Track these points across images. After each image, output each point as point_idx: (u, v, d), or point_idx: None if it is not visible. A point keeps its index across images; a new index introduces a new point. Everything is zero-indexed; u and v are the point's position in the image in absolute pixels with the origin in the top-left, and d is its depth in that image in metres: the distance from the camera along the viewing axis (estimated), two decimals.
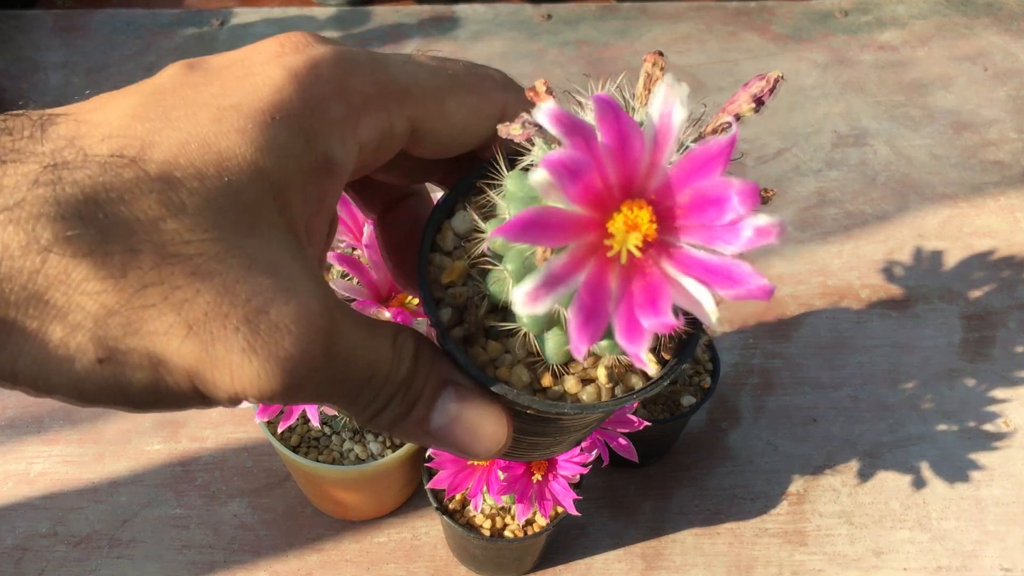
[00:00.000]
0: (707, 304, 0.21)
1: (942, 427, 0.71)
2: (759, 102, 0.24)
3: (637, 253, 0.22)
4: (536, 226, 0.21)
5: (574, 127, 0.21)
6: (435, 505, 0.56)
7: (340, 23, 1.09)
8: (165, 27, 1.07)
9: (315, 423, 0.51)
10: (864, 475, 0.68)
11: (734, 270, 0.21)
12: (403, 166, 0.30)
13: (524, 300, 0.20)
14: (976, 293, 0.80)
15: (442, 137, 0.27)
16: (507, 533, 0.57)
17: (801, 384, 0.73)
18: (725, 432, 0.70)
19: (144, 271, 0.20)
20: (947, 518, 0.65)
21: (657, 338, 0.26)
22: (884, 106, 0.98)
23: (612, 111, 0.22)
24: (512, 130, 0.24)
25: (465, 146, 0.28)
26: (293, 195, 0.23)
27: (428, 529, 0.64)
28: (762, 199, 0.23)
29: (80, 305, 0.19)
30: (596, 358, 0.27)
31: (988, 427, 0.71)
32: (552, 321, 0.25)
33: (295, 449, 0.58)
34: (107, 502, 0.65)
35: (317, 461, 0.57)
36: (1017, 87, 1.01)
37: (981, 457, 0.69)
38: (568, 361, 0.26)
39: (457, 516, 0.58)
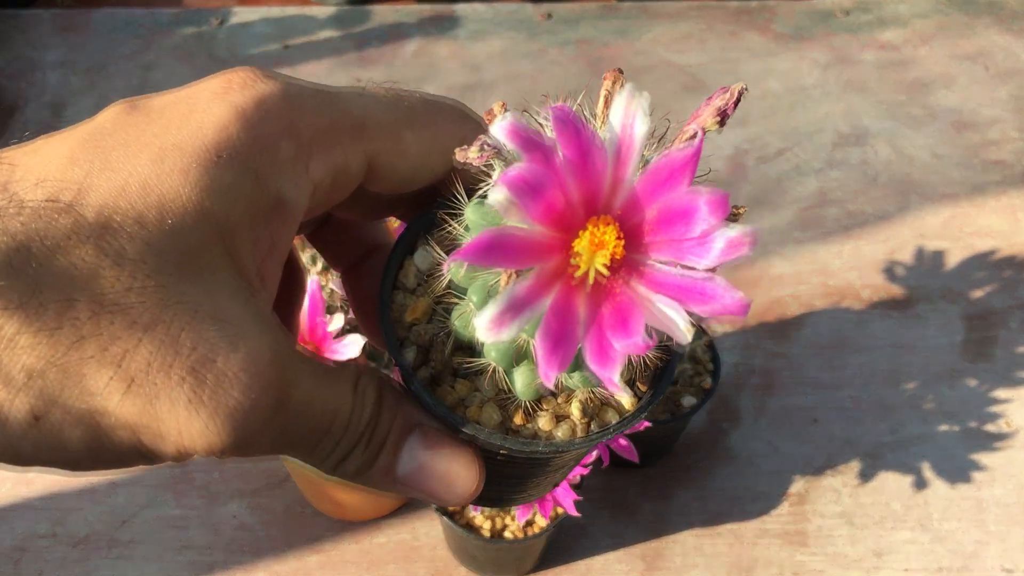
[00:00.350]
0: (680, 323, 0.20)
1: (943, 428, 0.70)
2: (723, 115, 0.23)
3: (605, 273, 0.21)
4: (496, 248, 0.20)
5: (532, 142, 0.20)
6: (435, 506, 0.56)
7: (339, 22, 1.09)
8: (164, 26, 1.07)
9: None
10: (865, 476, 0.67)
11: (707, 286, 0.21)
12: (362, 202, 0.29)
13: (487, 327, 0.19)
14: (977, 293, 0.80)
15: (400, 172, 0.26)
16: (507, 534, 0.57)
17: (802, 384, 0.73)
18: (726, 433, 0.70)
19: (81, 322, 0.19)
20: (948, 519, 0.65)
21: (632, 368, 0.25)
22: (885, 105, 0.98)
23: (571, 124, 0.21)
24: (469, 154, 0.23)
25: (425, 180, 0.27)
26: (242, 238, 0.22)
27: (428, 530, 0.63)
28: (733, 216, 0.22)
29: (12, 361, 0.18)
30: (569, 393, 0.26)
31: (989, 427, 0.71)
32: (521, 355, 0.24)
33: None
34: (106, 503, 0.65)
35: None
36: (1018, 86, 1.01)
37: (982, 458, 0.69)
38: (540, 398, 0.26)
39: (457, 517, 0.58)
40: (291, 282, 0.33)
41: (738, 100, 0.23)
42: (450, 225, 0.25)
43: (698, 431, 0.70)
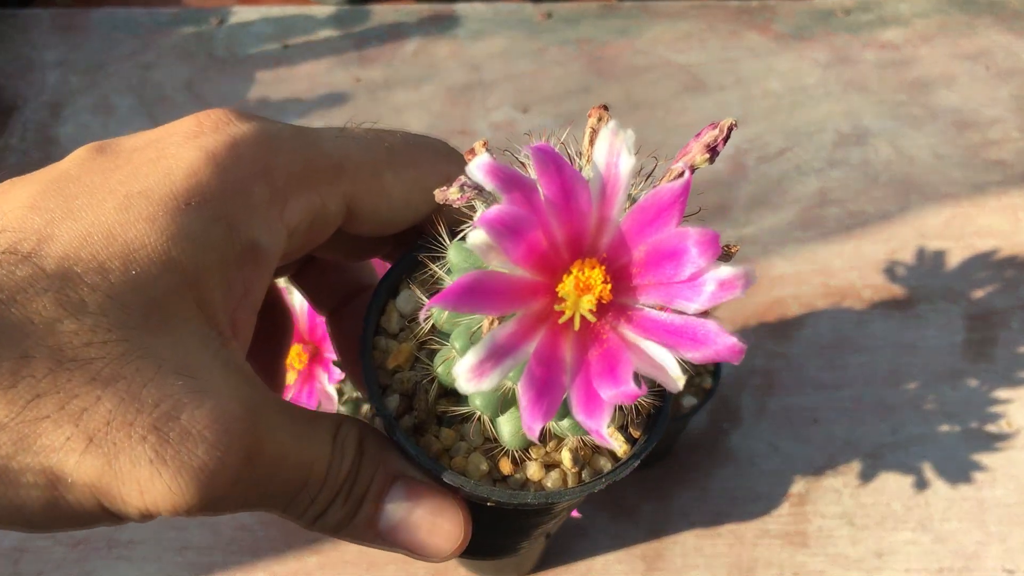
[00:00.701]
0: (672, 369, 0.19)
1: (944, 428, 0.70)
2: (713, 152, 0.22)
3: (591, 318, 0.20)
4: (477, 292, 0.19)
5: (512, 181, 0.20)
6: None
7: (339, 22, 1.08)
8: (163, 26, 1.07)
9: None
10: (866, 476, 0.67)
11: (699, 330, 0.20)
12: (344, 244, 0.28)
13: (468, 376, 0.18)
14: (978, 293, 0.80)
15: (381, 214, 0.26)
16: None
17: (803, 385, 0.73)
18: (726, 433, 0.70)
19: (37, 379, 0.18)
20: (949, 519, 0.65)
21: (624, 414, 0.25)
22: (886, 105, 0.98)
23: (553, 162, 0.20)
24: (450, 194, 0.22)
25: (408, 221, 0.26)
26: (213, 286, 0.21)
27: None
28: (725, 255, 0.21)
29: None
30: (559, 440, 0.25)
31: (990, 428, 0.70)
32: (507, 402, 0.23)
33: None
34: None
35: None
36: (1020, 86, 1.01)
37: (983, 458, 0.69)
38: (529, 445, 0.25)
39: None
40: (277, 327, 0.32)
41: (728, 136, 0.22)
42: (431, 268, 0.24)
43: (698, 431, 0.70)
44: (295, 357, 0.52)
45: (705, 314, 0.20)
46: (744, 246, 0.83)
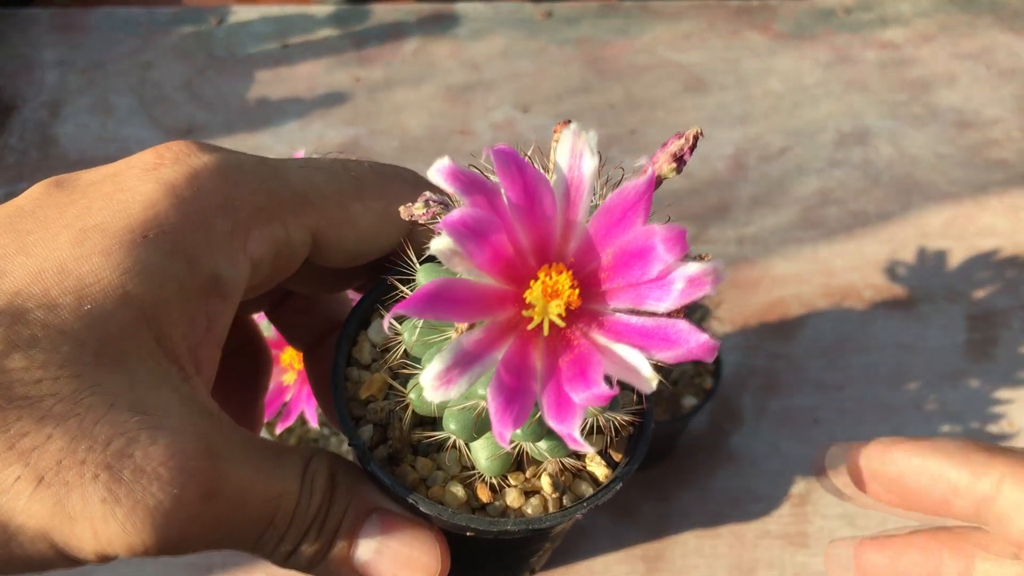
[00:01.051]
0: (644, 370, 0.19)
1: (946, 429, 0.70)
2: (680, 161, 0.22)
3: (561, 323, 0.20)
4: (442, 299, 0.18)
5: (474, 184, 0.19)
6: None
7: (338, 21, 1.08)
8: (163, 25, 1.06)
9: (313, 424, 0.50)
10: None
11: (670, 330, 0.19)
12: (314, 276, 0.28)
13: (434, 383, 0.18)
14: (980, 293, 0.80)
15: (349, 245, 0.25)
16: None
17: (804, 385, 0.73)
18: (727, 434, 0.70)
19: None
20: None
21: (604, 437, 0.24)
22: (887, 104, 0.98)
23: (514, 163, 0.20)
24: (415, 210, 0.22)
25: (377, 252, 0.26)
26: (172, 320, 0.21)
27: None
28: (697, 259, 0.20)
29: None
30: (538, 466, 0.25)
31: (992, 429, 0.70)
32: (483, 426, 0.22)
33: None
34: None
35: None
36: (1021, 85, 1.00)
37: None
38: (507, 472, 0.24)
39: None
40: (254, 365, 0.32)
41: (694, 145, 0.22)
42: (401, 291, 0.23)
43: (699, 432, 0.70)
44: (294, 357, 0.52)
45: (678, 314, 0.20)
46: (745, 246, 0.83)
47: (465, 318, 0.19)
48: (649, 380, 0.19)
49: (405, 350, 0.23)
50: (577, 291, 0.20)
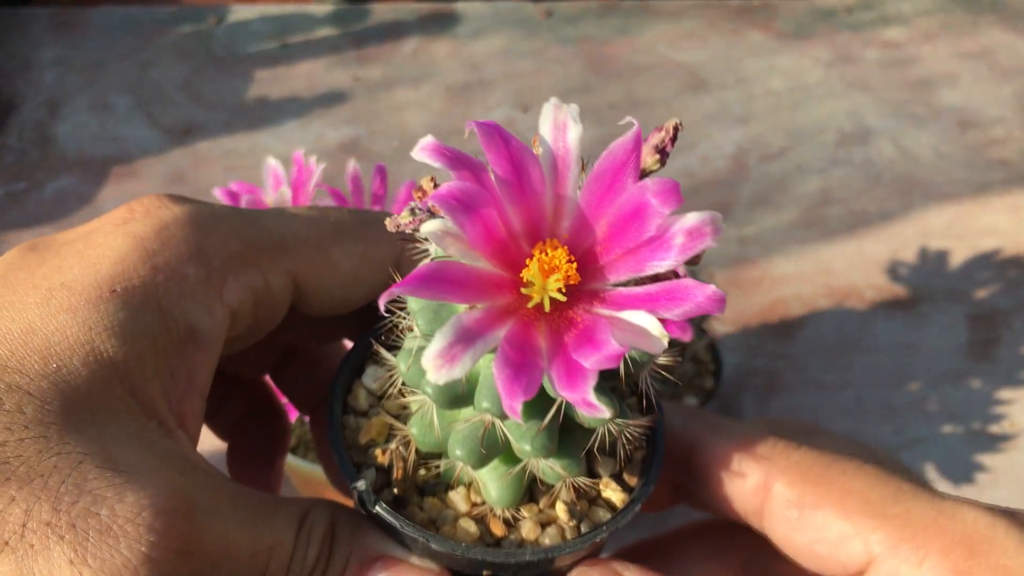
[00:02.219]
0: (653, 329, 0.18)
1: (947, 429, 0.70)
2: (663, 153, 0.22)
3: (562, 298, 0.19)
4: (438, 279, 0.18)
5: (460, 160, 0.19)
6: None
7: (338, 20, 1.08)
8: (162, 24, 1.06)
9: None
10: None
11: (675, 288, 0.19)
12: (305, 325, 0.27)
13: (437, 362, 0.17)
14: (982, 293, 0.80)
15: (331, 290, 0.25)
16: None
17: (805, 385, 0.72)
18: None
19: None
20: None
21: (618, 461, 0.24)
22: (888, 104, 0.97)
23: (499, 135, 0.19)
24: (400, 219, 0.21)
25: (362, 296, 0.26)
26: (147, 375, 0.21)
27: None
28: (692, 260, 0.20)
29: None
30: (552, 495, 0.24)
31: (993, 429, 0.70)
32: (491, 442, 0.21)
33: (293, 450, 0.58)
34: None
35: (315, 463, 0.57)
36: (1023, 85, 1.00)
37: (986, 459, 0.68)
38: (520, 504, 0.24)
39: None
40: (271, 426, 0.31)
41: (675, 136, 0.21)
42: (395, 315, 0.22)
43: None
44: None
45: (678, 275, 0.20)
46: (746, 246, 0.83)
47: (463, 299, 0.18)
48: (659, 339, 0.18)
49: (403, 381, 0.23)
50: (575, 265, 0.19)
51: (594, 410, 0.18)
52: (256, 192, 0.64)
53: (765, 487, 0.26)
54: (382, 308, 0.20)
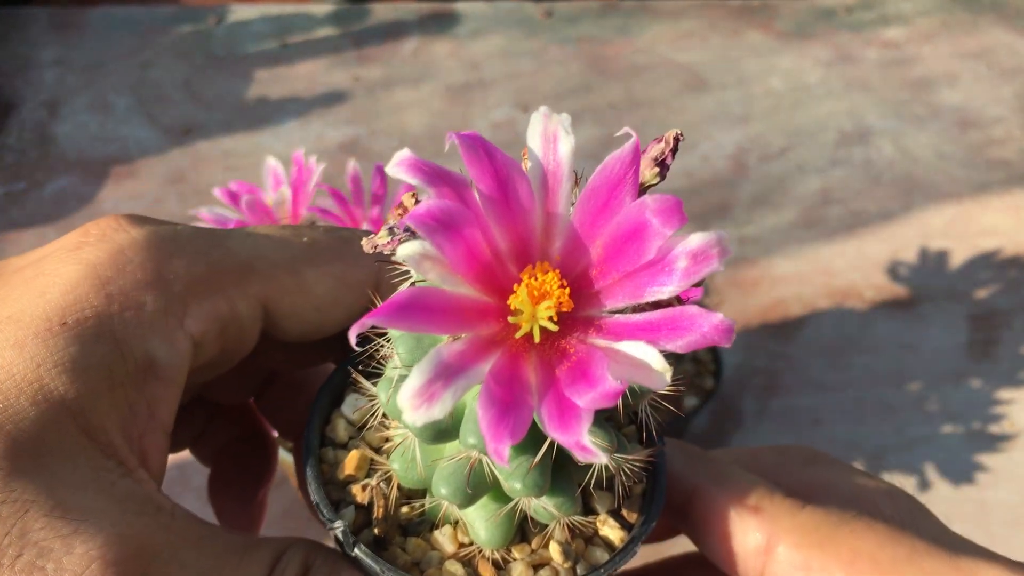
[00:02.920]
0: (654, 362, 0.16)
1: (947, 429, 0.70)
2: (663, 165, 0.20)
3: (553, 327, 0.17)
4: (416, 308, 0.16)
5: (439, 176, 0.17)
6: None
7: (338, 20, 1.08)
8: (162, 24, 1.06)
9: None
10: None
11: (679, 317, 0.17)
12: (281, 351, 0.26)
13: (414, 401, 0.15)
14: (982, 293, 0.79)
15: (305, 315, 0.23)
16: None
17: (805, 385, 0.72)
18: (728, 434, 0.69)
19: None
20: (952, 521, 0.64)
21: (616, 496, 0.22)
22: (888, 104, 0.97)
23: (482, 149, 0.17)
24: (378, 240, 0.20)
25: (340, 321, 0.24)
26: (104, 411, 0.19)
27: None
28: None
29: None
30: (545, 535, 0.22)
31: (994, 429, 0.70)
32: (479, 480, 0.20)
33: (292, 451, 0.57)
34: None
35: None
36: (1023, 84, 1.00)
37: (986, 459, 0.68)
38: (511, 544, 0.22)
39: None
40: (256, 455, 0.30)
41: (675, 148, 0.20)
42: (375, 342, 0.20)
43: (700, 432, 0.69)
44: None
45: (681, 301, 0.18)
46: (746, 246, 0.83)
47: (444, 329, 0.17)
48: (661, 374, 0.16)
49: (384, 412, 0.21)
50: (567, 290, 0.17)
51: (589, 454, 0.16)
52: (256, 192, 0.64)
53: (768, 548, 0.24)
54: (352, 341, 0.18)
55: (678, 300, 0.18)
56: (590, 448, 0.16)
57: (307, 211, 0.62)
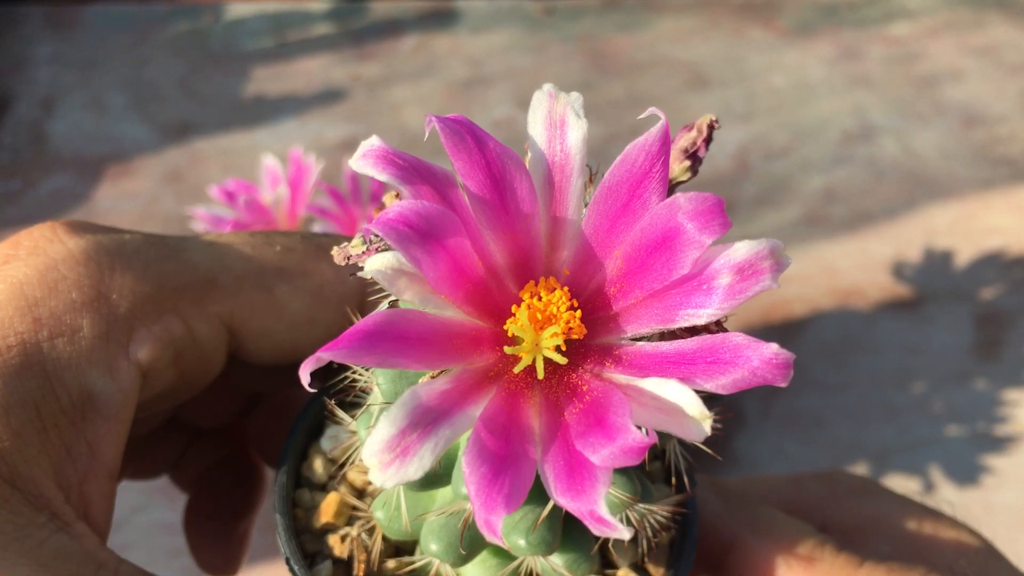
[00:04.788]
0: (690, 407, 0.13)
1: (951, 430, 0.69)
2: (694, 158, 0.16)
3: (561, 359, 0.14)
4: (389, 337, 0.12)
5: (415, 170, 0.13)
6: None
7: (336, 18, 1.07)
8: (158, 21, 1.05)
9: None
10: (872, 479, 0.66)
11: (720, 347, 0.13)
12: (259, 376, 0.23)
13: (382, 457, 0.12)
14: (987, 293, 0.79)
15: (277, 335, 0.20)
16: None
17: (808, 386, 0.72)
18: (730, 436, 0.69)
19: None
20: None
21: (636, 548, 0.17)
22: (893, 101, 0.97)
23: (470, 136, 0.13)
24: (351, 249, 0.16)
25: (317, 342, 0.19)
26: (31, 456, 0.17)
27: None
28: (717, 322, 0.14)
29: None
30: None
31: (999, 430, 0.69)
32: (474, 537, 0.16)
33: None
34: None
35: None
36: None
37: (991, 461, 0.68)
38: None
39: None
40: (240, 483, 0.27)
41: (709, 137, 0.17)
42: (353, 373, 0.17)
43: None
44: None
45: (721, 326, 0.14)
46: None
47: (423, 363, 0.13)
48: (699, 422, 0.13)
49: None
50: (579, 314, 0.14)
51: (606, 527, 0.12)
52: (253, 191, 0.64)
53: None
54: (304, 381, 0.14)
55: (716, 326, 0.14)
56: (608, 520, 0.12)
57: (306, 210, 0.62)
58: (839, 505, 0.24)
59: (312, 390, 0.15)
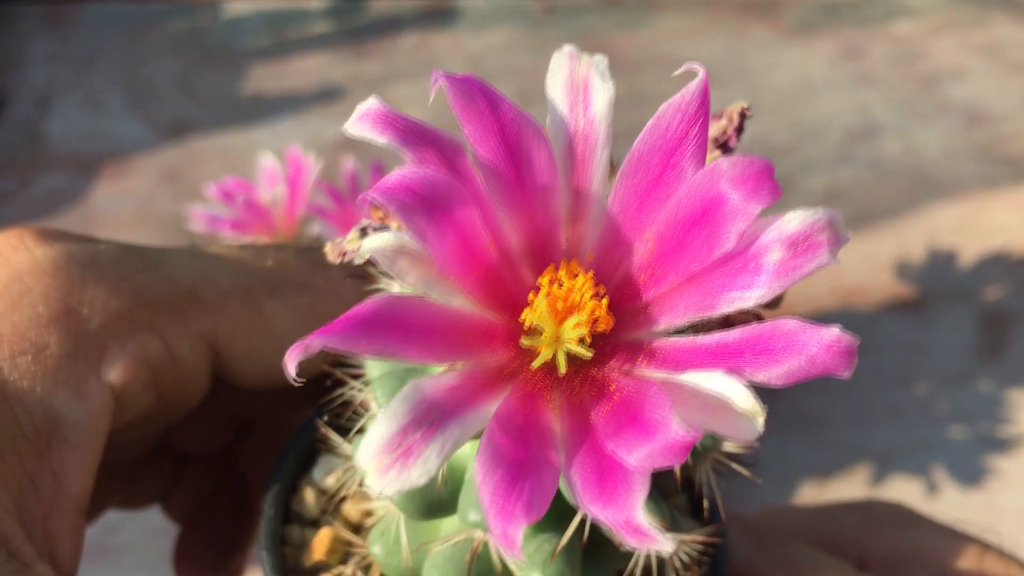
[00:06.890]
0: (739, 400, 0.11)
1: (955, 431, 0.69)
2: (725, 148, 0.14)
3: (587, 353, 0.12)
4: (387, 324, 0.11)
5: (420, 135, 0.11)
6: None
7: (335, 16, 1.07)
8: (155, 20, 1.05)
9: None
10: (875, 481, 0.66)
11: (770, 334, 0.11)
12: (246, 396, 0.21)
13: (380, 460, 0.10)
14: (990, 293, 0.78)
15: (265, 357, 0.19)
16: None
17: (810, 387, 0.71)
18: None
19: None
20: (960, 525, 0.63)
21: None
22: (895, 100, 0.96)
23: (481, 97, 0.11)
24: (347, 244, 0.15)
25: (309, 366, 0.17)
26: None
27: None
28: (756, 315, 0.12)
29: None
30: None
31: (1003, 431, 0.69)
32: (484, 569, 0.15)
33: None
34: None
35: None
36: None
37: (996, 462, 0.67)
38: None
39: None
40: (235, 511, 0.25)
41: (741, 126, 0.16)
42: (346, 384, 0.16)
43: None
44: None
45: (773, 304, 0.12)
46: None
47: (427, 356, 0.11)
48: (750, 418, 0.11)
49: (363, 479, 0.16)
50: (605, 302, 0.12)
51: (645, 538, 0.10)
52: (251, 190, 0.63)
53: None
54: (290, 373, 0.12)
55: (756, 317, 0.12)
56: (646, 530, 0.10)
57: (305, 210, 0.61)
58: (877, 538, 0.23)
59: (299, 381, 0.13)
